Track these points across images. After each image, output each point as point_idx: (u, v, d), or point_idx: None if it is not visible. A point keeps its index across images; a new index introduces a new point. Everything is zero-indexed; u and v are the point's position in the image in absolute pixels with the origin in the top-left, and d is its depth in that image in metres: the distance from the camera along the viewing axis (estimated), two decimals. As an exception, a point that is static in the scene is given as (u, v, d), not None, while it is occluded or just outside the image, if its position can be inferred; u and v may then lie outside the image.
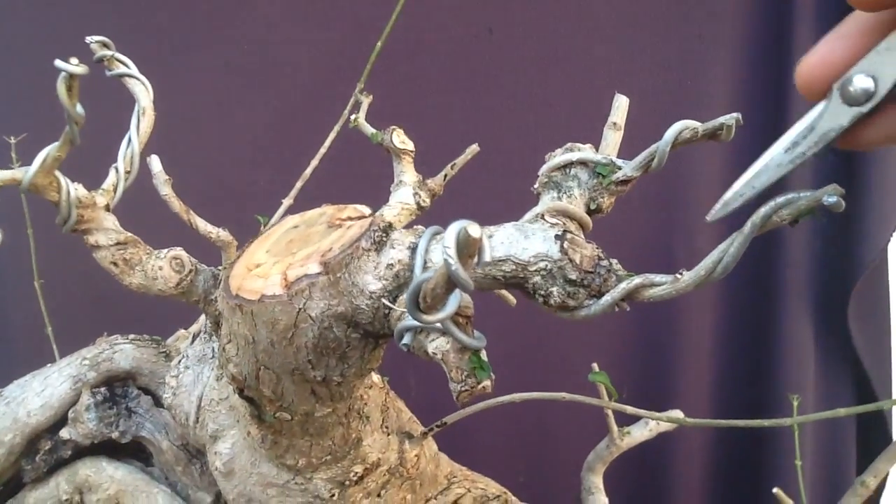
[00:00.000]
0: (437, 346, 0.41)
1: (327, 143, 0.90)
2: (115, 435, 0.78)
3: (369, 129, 0.69)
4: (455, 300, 0.34)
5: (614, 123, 0.53)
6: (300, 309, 0.44)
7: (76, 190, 0.49)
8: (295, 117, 1.16)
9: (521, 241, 0.42)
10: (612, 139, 0.53)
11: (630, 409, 0.65)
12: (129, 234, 0.51)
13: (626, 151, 0.56)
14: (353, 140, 0.82)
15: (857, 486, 0.55)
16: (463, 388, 0.39)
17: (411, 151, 0.67)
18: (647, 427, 0.93)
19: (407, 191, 0.67)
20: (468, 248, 0.29)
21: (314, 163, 0.91)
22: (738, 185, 0.37)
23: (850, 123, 0.34)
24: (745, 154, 1.21)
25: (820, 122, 0.35)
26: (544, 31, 1.19)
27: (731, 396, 1.23)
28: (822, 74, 0.34)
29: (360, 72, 0.86)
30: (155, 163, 0.69)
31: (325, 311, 0.45)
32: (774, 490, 0.78)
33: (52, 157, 0.44)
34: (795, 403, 0.89)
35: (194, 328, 0.80)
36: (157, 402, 0.80)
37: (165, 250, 0.52)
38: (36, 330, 0.95)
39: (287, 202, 0.91)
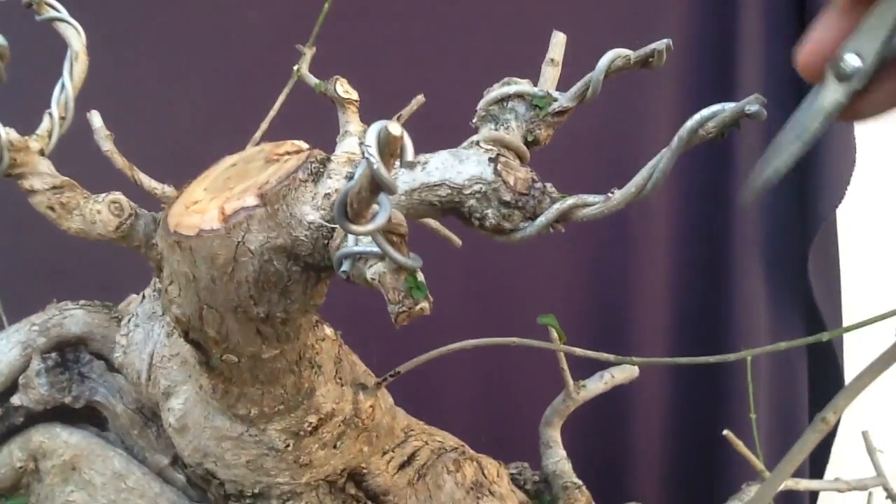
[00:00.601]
0: (375, 270, 0.41)
1: (278, 103, 0.89)
2: (67, 400, 0.77)
3: (312, 80, 0.69)
4: (385, 212, 0.34)
5: (552, 59, 0.54)
6: (239, 242, 0.44)
7: (7, 133, 0.48)
8: (247, 75, 1.15)
9: (455, 166, 0.43)
10: (550, 75, 0.53)
11: (579, 351, 0.66)
12: (66, 178, 0.51)
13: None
14: (306, 100, 0.82)
15: (818, 422, 0.56)
16: (400, 310, 0.39)
17: (356, 101, 0.67)
18: (603, 380, 0.94)
19: (352, 141, 0.67)
20: (389, 147, 0.29)
21: (264, 125, 0.90)
22: (763, 171, 0.39)
23: (846, 99, 0.36)
24: (695, 96, 1.23)
25: (821, 100, 0.37)
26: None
27: (686, 352, 1.25)
28: (816, 58, 0.37)
29: (311, 28, 0.85)
30: (95, 118, 0.69)
31: (264, 243, 0.45)
32: (725, 432, 0.80)
33: (-20, 98, 0.43)
34: (749, 358, 0.91)
35: (146, 291, 0.79)
36: (111, 367, 0.80)
37: (104, 194, 0.52)
38: (-17, 304, 0.93)
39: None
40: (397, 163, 0.32)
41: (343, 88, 0.66)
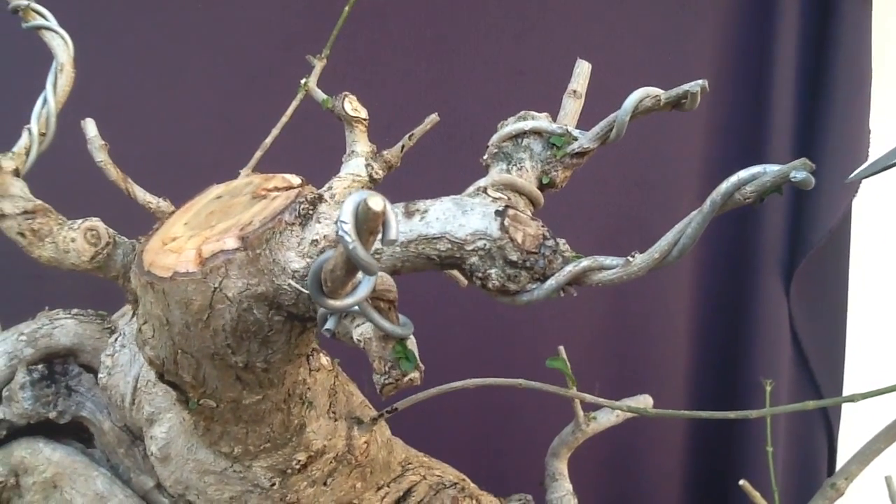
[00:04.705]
0: (362, 332, 0.37)
1: (290, 110, 0.85)
2: (52, 415, 0.74)
3: (320, 95, 0.64)
4: (368, 282, 0.30)
5: (574, 91, 0.49)
6: (216, 288, 0.40)
7: (-23, 151, 0.44)
8: (257, 81, 1.10)
9: (458, 217, 0.38)
10: (571, 108, 0.49)
11: (589, 398, 0.61)
12: (39, 201, 0.47)
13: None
14: (318, 110, 0.78)
15: (827, 488, 0.52)
16: (387, 381, 0.35)
17: (364, 119, 0.62)
18: (614, 413, 0.90)
19: (359, 162, 0.62)
20: (368, 224, 0.25)
21: (275, 131, 0.86)
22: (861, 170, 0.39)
23: None
24: (727, 128, 1.17)
25: None
26: (522, -1, 1.14)
27: (706, 377, 1.20)
28: None
29: (326, 33, 0.81)
30: (90, 127, 0.65)
31: (243, 290, 0.40)
32: (741, 482, 0.75)
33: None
34: (768, 388, 0.86)
35: (137, 305, 0.76)
36: (100, 381, 0.76)
37: (80, 220, 0.48)
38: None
39: (245, 172, 0.86)
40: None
41: (351, 106, 0.62)
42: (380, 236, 0.26)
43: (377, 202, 0.25)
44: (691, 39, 1.13)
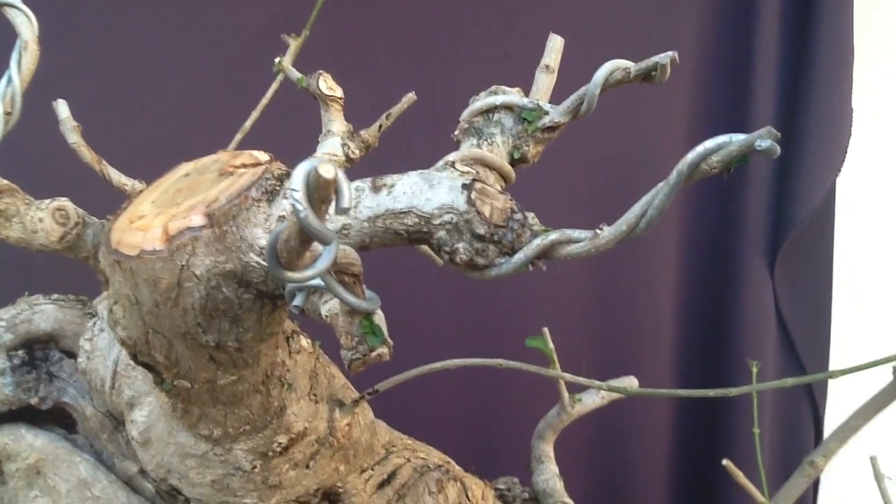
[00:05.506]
0: (330, 307, 0.37)
1: (270, 91, 0.84)
2: (34, 401, 0.74)
3: (295, 74, 0.64)
4: (328, 254, 0.29)
5: (547, 66, 0.48)
6: (183, 266, 0.40)
7: (-60, 132, 0.44)
8: (236, 62, 1.09)
9: (425, 191, 0.38)
10: (544, 83, 0.48)
11: (569, 377, 0.61)
12: (6, 182, 0.46)
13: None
14: (297, 91, 0.77)
15: (806, 466, 0.52)
16: (354, 356, 0.35)
17: (340, 98, 0.62)
18: (599, 394, 0.90)
19: (335, 141, 0.62)
20: (320, 192, 0.24)
21: (255, 113, 0.85)
22: None
23: None
24: (709, 107, 1.16)
25: None
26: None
27: (691, 359, 1.20)
28: None
29: (309, 11, 0.80)
30: (62, 108, 0.64)
31: (211, 268, 0.40)
32: (724, 462, 0.75)
33: None
34: (755, 370, 0.86)
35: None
36: (82, 367, 0.76)
37: (48, 200, 0.47)
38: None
39: (226, 156, 0.85)
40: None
41: (326, 84, 0.61)
42: (333, 205, 0.26)
43: (328, 169, 0.24)
44: (673, 18, 1.13)
